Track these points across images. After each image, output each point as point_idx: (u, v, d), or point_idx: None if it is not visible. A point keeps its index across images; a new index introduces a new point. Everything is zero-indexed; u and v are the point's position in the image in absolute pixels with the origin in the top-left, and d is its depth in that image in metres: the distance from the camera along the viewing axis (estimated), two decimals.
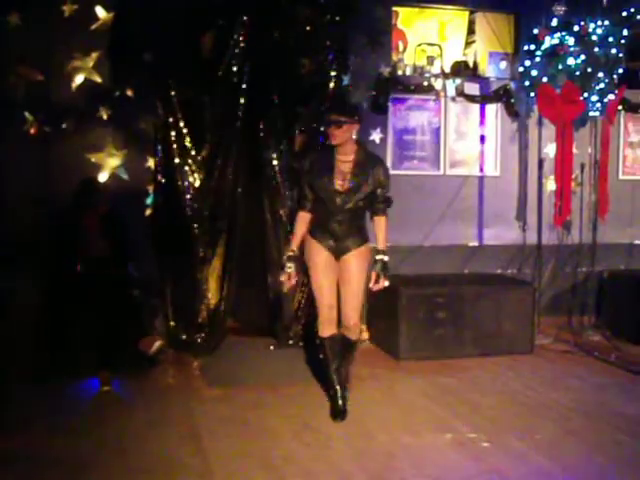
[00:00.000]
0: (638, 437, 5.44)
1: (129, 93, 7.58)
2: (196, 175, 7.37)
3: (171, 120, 7.32)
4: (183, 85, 7.28)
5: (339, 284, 5.81)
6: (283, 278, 5.77)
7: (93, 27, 7.53)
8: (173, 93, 7.27)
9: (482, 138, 8.93)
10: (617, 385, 6.79)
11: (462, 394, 6.44)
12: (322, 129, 5.68)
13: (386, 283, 5.60)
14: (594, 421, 5.80)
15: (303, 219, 5.81)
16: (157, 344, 7.06)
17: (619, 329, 8.48)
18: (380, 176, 5.66)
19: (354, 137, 5.64)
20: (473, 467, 4.92)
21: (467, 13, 9.38)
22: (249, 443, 5.27)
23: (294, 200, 7.36)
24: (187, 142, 7.34)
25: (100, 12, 7.54)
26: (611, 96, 8.45)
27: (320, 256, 5.73)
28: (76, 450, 5.07)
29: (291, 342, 7.64)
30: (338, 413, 5.78)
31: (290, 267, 5.70)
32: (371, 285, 5.61)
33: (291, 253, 5.77)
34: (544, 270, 8.86)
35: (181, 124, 7.34)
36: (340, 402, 5.81)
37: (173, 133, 7.34)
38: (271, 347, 7.67)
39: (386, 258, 5.63)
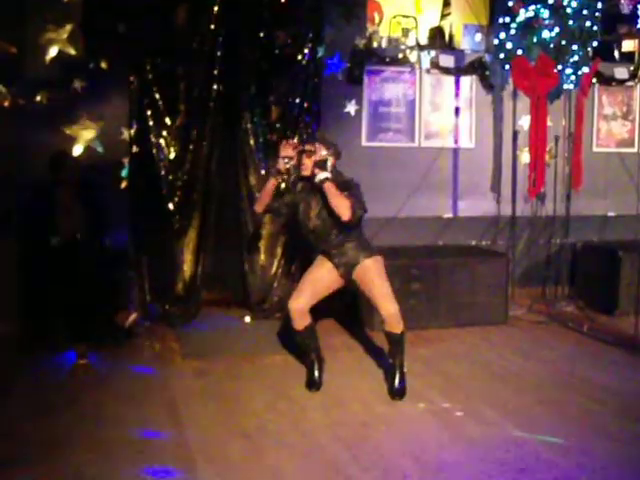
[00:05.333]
0: (608, 405, 5.53)
1: (103, 65, 7.49)
2: (171, 147, 7.37)
3: (146, 92, 7.30)
4: (157, 56, 7.27)
5: (365, 293, 5.77)
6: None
7: None
8: (147, 65, 7.26)
9: (457, 110, 8.93)
10: (589, 355, 6.88)
11: (436, 364, 6.52)
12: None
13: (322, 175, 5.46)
14: (565, 390, 5.89)
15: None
16: (133, 316, 7.10)
17: (592, 300, 8.56)
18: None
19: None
20: (446, 436, 4.99)
21: None
22: (225, 414, 5.32)
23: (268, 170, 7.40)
24: (162, 114, 7.34)
25: None
26: (585, 69, 8.49)
27: (325, 262, 5.76)
28: (53, 423, 5.09)
29: (266, 314, 7.68)
30: (313, 383, 5.85)
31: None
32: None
33: None
34: (518, 241, 8.93)
35: (156, 96, 7.33)
36: (316, 373, 5.88)
37: (148, 105, 7.33)
38: (246, 318, 7.70)
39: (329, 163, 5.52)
